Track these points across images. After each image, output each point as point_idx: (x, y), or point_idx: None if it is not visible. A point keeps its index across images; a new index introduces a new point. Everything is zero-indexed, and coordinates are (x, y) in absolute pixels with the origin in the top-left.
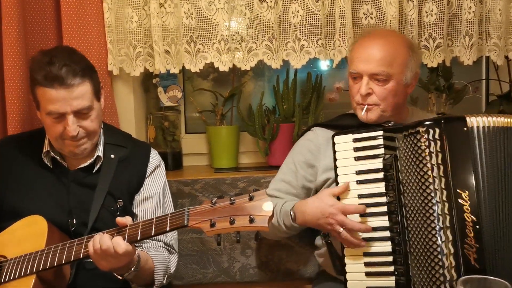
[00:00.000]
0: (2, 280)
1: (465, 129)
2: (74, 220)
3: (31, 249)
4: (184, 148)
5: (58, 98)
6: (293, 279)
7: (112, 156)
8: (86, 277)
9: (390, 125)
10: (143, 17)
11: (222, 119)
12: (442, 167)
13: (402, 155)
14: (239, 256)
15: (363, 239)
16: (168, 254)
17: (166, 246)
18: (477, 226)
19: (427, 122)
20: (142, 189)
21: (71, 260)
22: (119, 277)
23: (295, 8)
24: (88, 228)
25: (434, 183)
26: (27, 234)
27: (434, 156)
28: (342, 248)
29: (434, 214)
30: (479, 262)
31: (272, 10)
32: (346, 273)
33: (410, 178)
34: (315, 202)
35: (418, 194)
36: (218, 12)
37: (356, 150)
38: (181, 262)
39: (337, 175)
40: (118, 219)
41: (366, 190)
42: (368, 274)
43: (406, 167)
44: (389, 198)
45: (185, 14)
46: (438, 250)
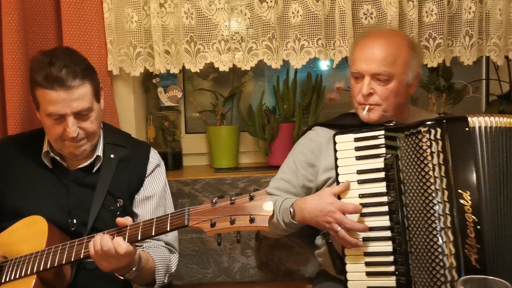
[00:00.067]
0: (3, 280)
1: (466, 129)
2: (74, 220)
3: (32, 249)
4: (184, 148)
5: (58, 100)
6: (293, 279)
7: (112, 156)
8: (87, 277)
9: (391, 124)
10: (143, 17)
11: (222, 119)
12: (443, 167)
13: (403, 155)
14: (239, 256)
15: (364, 239)
16: (168, 254)
17: (166, 246)
18: (478, 227)
19: (429, 122)
20: (142, 188)
21: (72, 260)
22: (120, 277)
23: (295, 8)
24: (88, 228)
25: (436, 183)
26: (27, 235)
27: (435, 156)
28: (343, 247)
29: (435, 214)
30: (480, 263)
31: (272, 10)
32: (346, 272)
33: (411, 178)
34: (315, 200)
35: (419, 194)
36: (218, 12)
37: (357, 149)
38: (181, 262)
39: (338, 175)
40: (118, 220)
41: (367, 190)
42: (368, 274)
43: (407, 167)
44: (390, 198)
45: (185, 14)
46: (439, 250)
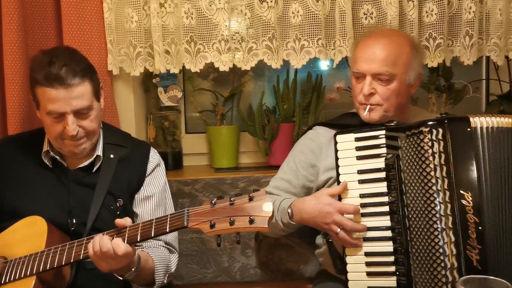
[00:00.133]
0: (2, 281)
1: (468, 129)
2: (74, 219)
3: (31, 249)
4: (184, 148)
5: (58, 98)
6: (293, 279)
7: (111, 155)
8: (86, 277)
9: (392, 124)
10: (143, 17)
11: (222, 119)
12: (445, 168)
13: (404, 155)
14: (239, 256)
15: (364, 239)
16: (168, 254)
17: (166, 246)
18: (479, 227)
19: (430, 122)
20: (142, 188)
21: (71, 261)
22: (120, 277)
23: (295, 8)
24: (87, 227)
25: (437, 184)
26: (27, 235)
27: (437, 156)
28: (343, 247)
29: (437, 215)
30: (481, 263)
31: (272, 10)
32: (347, 272)
33: (412, 178)
34: (312, 201)
35: (421, 195)
36: (218, 12)
37: (358, 149)
38: (181, 262)
39: (338, 174)
40: (117, 221)
41: (368, 190)
42: (369, 274)
43: (409, 167)
44: (391, 198)
45: (185, 14)
46: (440, 251)
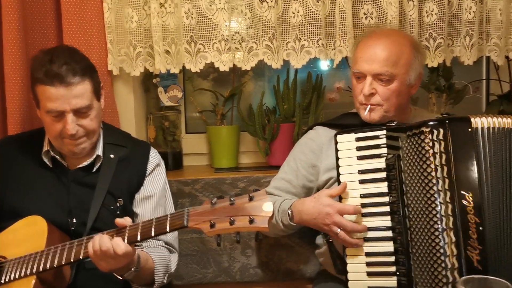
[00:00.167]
0: (2, 281)
1: (469, 129)
2: (74, 219)
3: (31, 249)
4: (184, 148)
5: (58, 96)
6: (293, 279)
7: (111, 155)
8: (86, 277)
9: (393, 124)
10: (143, 17)
11: (222, 119)
12: (446, 168)
13: (405, 155)
14: (239, 256)
15: (365, 239)
16: (168, 254)
17: (166, 246)
18: (480, 228)
19: (431, 123)
20: (142, 188)
21: (71, 261)
22: (119, 277)
23: (296, 8)
24: (87, 227)
25: (438, 184)
26: (27, 235)
27: (438, 156)
28: (344, 247)
29: (437, 215)
30: (482, 264)
31: (272, 10)
32: (347, 272)
33: (413, 178)
34: (312, 202)
35: (421, 195)
36: (218, 12)
37: (358, 149)
38: (181, 262)
39: (339, 174)
40: (117, 220)
41: (368, 190)
42: (369, 274)
43: (409, 167)
44: (391, 198)
45: (185, 14)
46: (441, 251)
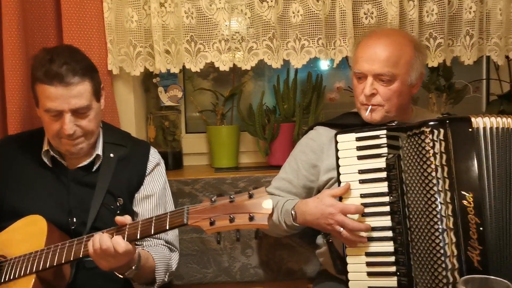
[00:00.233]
0: (2, 280)
1: (470, 129)
2: (74, 219)
3: (31, 249)
4: (184, 147)
5: (57, 96)
6: (294, 279)
7: (111, 155)
8: (86, 276)
9: (393, 124)
10: (143, 16)
11: (222, 119)
12: (446, 168)
13: (405, 155)
14: (240, 255)
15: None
16: (169, 252)
17: (167, 244)
18: (480, 228)
19: (432, 123)
20: (142, 187)
21: (71, 259)
22: (120, 276)
23: (296, 7)
24: (87, 227)
25: (438, 184)
26: (27, 234)
27: (438, 157)
28: (344, 247)
29: (438, 216)
30: (482, 264)
31: (272, 10)
32: (347, 272)
33: (413, 178)
34: (315, 202)
35: (422, 195)
36: (218, 11)
37: (359, 149)
38: (181, 261)
39: (339, 174)
40: (117, 218)
41: (368, 190)
42: (370, 274)
43: (410, 168)
44: (391, 198)
45: (185, 13)
46: (441, 252)
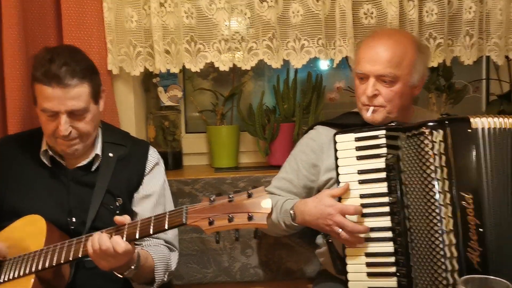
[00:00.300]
0: (1, 280)
1: (469, 130)
2: (74, 219)
3: (30, 248)
4: (184, 147)
5: (54, 97)
6: (293, 279)
7: (110, 154)
8: (86, 276)
9: (393, 124)
10: (143, 16)
11: (222, 119)
12: (445, 170)
13: (405, 156)
14: (240, 255)
15: (365, 240)
16: (168, 252)
17: (166, 244)
18: (480, 229)
19: (431, 123)
20: (141, 187)
21: (70, 259)
22: (119, 275)
23: (296, 7)
24: (87, 227)
25: (438, 186)
26: (26, 234)
27: (437, 158)
28: (344, 248)
29: (437, 217)
30: (482, 266)
31: (272, 10)
32: (347, 273)
33: (413, 179)
34: (314, 203)
35: (421, 196)
36: (218, 11)
37: (358, 149)
38: (181, 261)
39: (338, 174)
40: (116, 218)
41: (368, 190)
42: (369, 275)
43: (409, 168)
44: (391, 198)
45: (185, 13)
46: (441, 253)
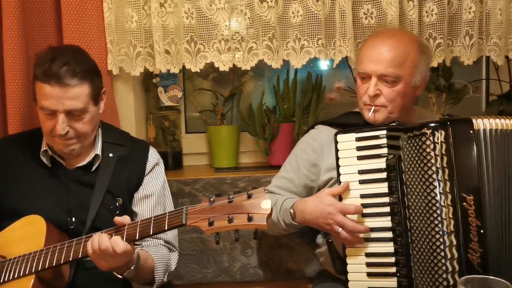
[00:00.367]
0: (1, 280)
1: (471, 131)
2: (74, 219)
3: (30, 248)
4: (184, 147)
5: (52, 95)
6: (293, 279)
7: (110, 154)
8: (86, 276)
9: (394, 124)
10: (143, 16)
11: (222, 119)
12: (447, 171)
13: (406, 156)
14: (239, 255)
15: (365, 240)
16: (168, 252)
17: (166, 244)
18: (481, 231)
19: (433, 124)
20: (141, 187)
21: (70, 259)
22: (119, 276)
23: (296, 8)
24: (87, 227)
25: (439, 187)
26: (26, 234)
27: (439, 159)
28: (344, 248)
29: (438, 218)
30: (483, 267)
31: (272, 10)
32: (347, 273)
33: (414, 180)
34: (314, 201)
35: (422, 197)
36: (218, 11)
37: (359, 149)
38: (181, 261)
39: (339, 174)
40: (116, 218)
41: (368, 190)
42: (369, 275)
43: (410, 169)
44: (392, 199)
45: (185, 13)
46: (442, 254)
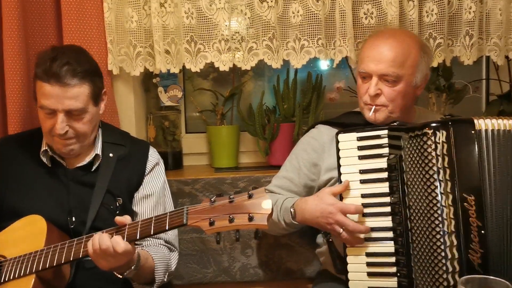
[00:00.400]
0: (2, 280)
1: (472, 131)
2: (74, 218)
3: (30, 248)
4: (184, 147)
5: (52, 95)
6: (293, 279)
7: (110, 154)
8: (86, 276)
9: (395, 124)
10: (143, 16)
11: (222, 119)
12: (448, 171)
13: (407, 156)
14: (240, 255)
15: (366, 239)
16: (168, 252)
17: (166, 244)
18: (482, 231)
19: (434, 124)
20: (141, 187)
21: (71, 259)
22: (119, 276)
23: (296, 8)
24: (87, 227)
25: (440, 187)
26: (26, 234)
27: (440, 159)
28: (344, 247)
29: (439, 218)
30: (483, 268)
31: (272, 10)
32: (347, 272)
33: (415, 180)
34: (315, 201)
35: (423, 197)
36: (218, 11)
37: (360, 148)
38: (181, 261)
39: (340, 174)
40: (117, 218)
41: (369, 190)
42: (370, 274)
43: (411, 169)
44: (392, 198)
45: (185, 13)
46: (442, 254)
